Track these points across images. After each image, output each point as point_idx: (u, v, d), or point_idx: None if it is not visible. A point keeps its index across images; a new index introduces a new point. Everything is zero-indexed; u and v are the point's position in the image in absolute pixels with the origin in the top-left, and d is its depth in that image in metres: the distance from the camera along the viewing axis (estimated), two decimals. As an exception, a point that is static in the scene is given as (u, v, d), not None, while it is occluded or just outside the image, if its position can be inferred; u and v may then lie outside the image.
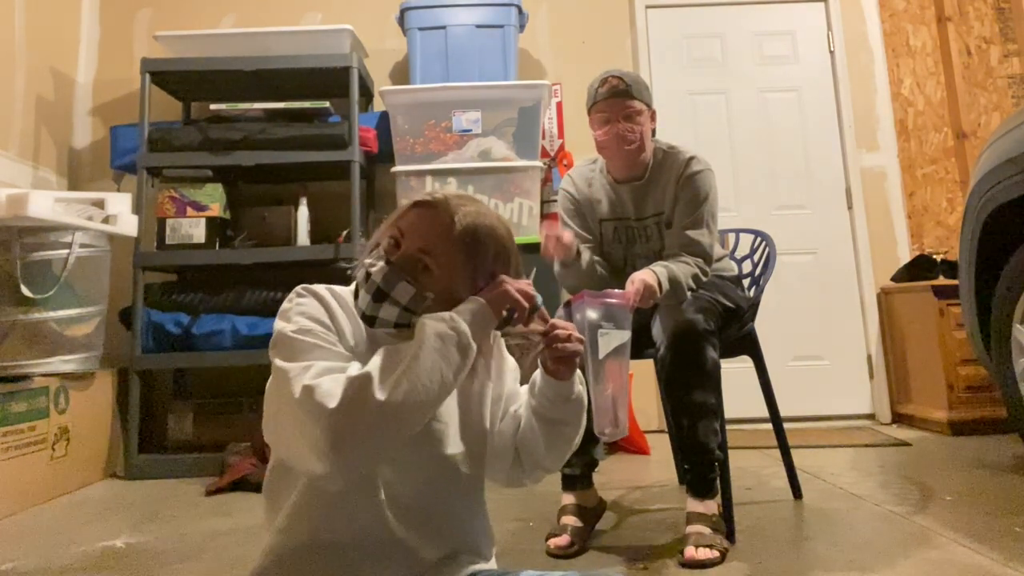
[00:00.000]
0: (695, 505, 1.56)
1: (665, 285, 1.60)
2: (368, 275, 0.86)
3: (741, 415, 2.72)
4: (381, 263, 0.87)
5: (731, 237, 2.17)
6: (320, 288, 0.90)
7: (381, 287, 0.86)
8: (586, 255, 1.76)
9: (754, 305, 1.89)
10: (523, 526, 1.77)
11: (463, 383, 0.91)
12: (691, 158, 1.77)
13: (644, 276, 1.57)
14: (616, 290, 1.51)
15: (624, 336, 1.29)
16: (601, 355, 1.27)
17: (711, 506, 1.57)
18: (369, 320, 0.88)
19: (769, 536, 1.63)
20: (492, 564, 0.98)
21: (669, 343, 1.58)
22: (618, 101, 1.73)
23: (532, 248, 2.62)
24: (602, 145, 1.78)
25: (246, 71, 2.78)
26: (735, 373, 2.20)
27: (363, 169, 2.79)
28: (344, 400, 0.75)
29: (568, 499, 1.68)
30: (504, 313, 0.88)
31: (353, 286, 0.92)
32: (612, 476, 2.27)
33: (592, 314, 1.30)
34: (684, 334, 1.57)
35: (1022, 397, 1.91)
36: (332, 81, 2.85)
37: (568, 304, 1.57)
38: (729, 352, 1.77)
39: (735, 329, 1.80)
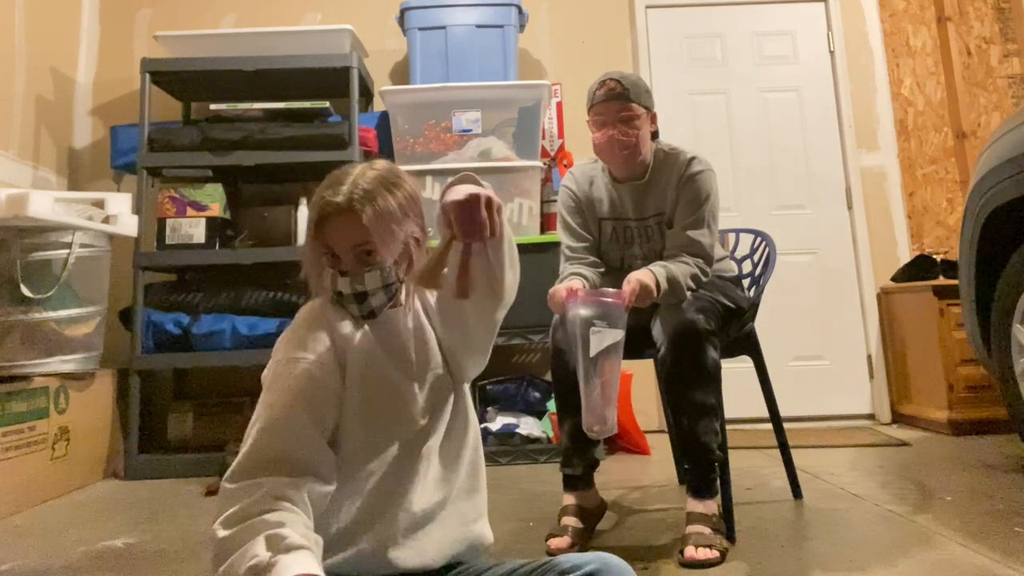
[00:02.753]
0: (695, 505, 1.56)
1: (663, 285, 1.59)
2: (340, 294, 0.98)
3: (741, 415, 2.72)
4: (341, 279, 0.98)
5: (731, 237, 2.17)
6: (317, 304, 1.02)
7: (357, 292, 0.98)
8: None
9: (754, 305, 1.89)
10: (523, 526, 1.77)
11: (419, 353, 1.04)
12: (692, 158, 1.77)
13: (640, 276, 1.57)
14: (612, 289, 1.52)
15: (617, 336, 1.29)
16: (593, 353, 1.26)
17: (711, 506, 1.57)
18: (369, 316, 1.00)
19: (769, 536, 1.63)
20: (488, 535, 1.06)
21: (670, 343, 1.58)
22: (615, 104, 1.72)
23: (528, 248, 2.64)
24: (599, 148, 1.78)
25: (246, 71, 2.78)
26: (735, 373, 2.20)
27: (363, 169, 2.79)
28: (213, 549, 0.83)
29: (569, 500, 1.68)
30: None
31: (312, 306, 1.04)
32: (612, 476, 2.27)
33: (585, 311, 1.30)
34: (684, 334, 1.57)
35: (1022, 397, 1.91)
36: (332, 81, 2.85)
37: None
38: (729, 352, 1.77)
39: (735, 329, 1.80)
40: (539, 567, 0.92)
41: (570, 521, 1.62)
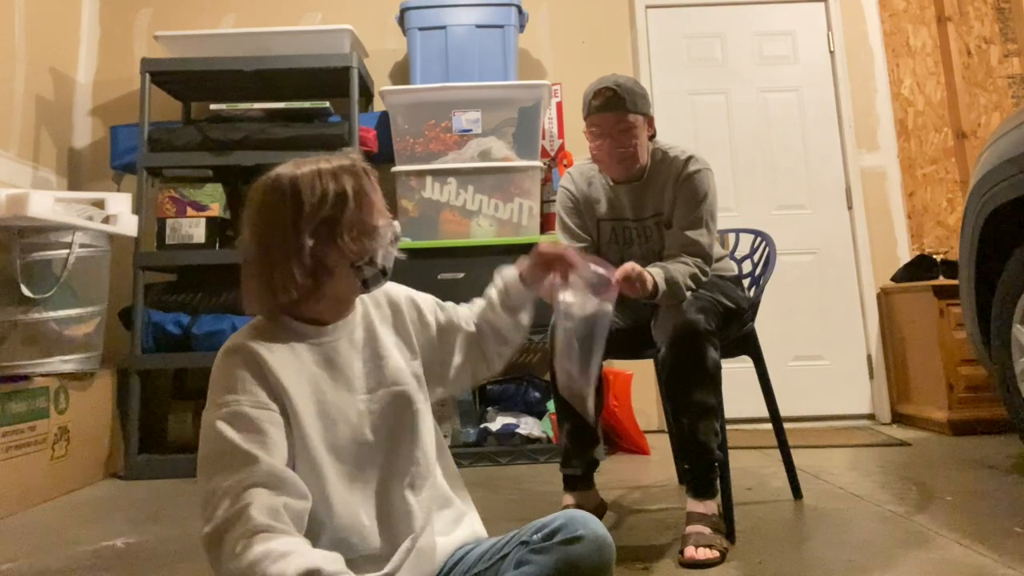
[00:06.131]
0: (695, 505, 1.56)
1: (662, 286, 1.58)
2: (397, 238, 1.04)
3: (741, 415, 2.72)
4: (395, 223, 1.04)
5: (731, 237, 2.17)
6: (240, 339, 0.95)
7: (383, 271, 1.00)
8: None
9: (754, 305, 1.89)
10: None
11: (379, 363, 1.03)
12: (689, 158, 1.76)
13: (639, 268, 1.56)
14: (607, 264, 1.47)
15: (593, 305, 1.23)
16: (562, 316, 1.22)
17: (711, 506, 1.57)
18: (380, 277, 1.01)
19: (769, 536, 1.63)
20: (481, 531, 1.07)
21: (670, 343, 1.58)
22: (611, 116, 1.69)
23: (528, 248, 2.62)
24: (597, 158, 1.77)
25: (246, 71, 2.78)
26: (735, 373, 2.20)
27: (363, 169, 2.79)
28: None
29: (569, 500, 1.68)
30: None
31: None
32: (612, 476, 2.27)
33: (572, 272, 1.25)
34: (685, 334, 1.57)
35: (1022, 397, 1.91)
36: (332, 81, 2.85)
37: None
38: (729, 352, 1.77)
39: (735, 329, 1.80)
40: (512, 536, 0.95)
41: (570, 521, 1.62)
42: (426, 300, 1.14)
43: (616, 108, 1.69)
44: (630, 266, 1.51)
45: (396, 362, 1.03)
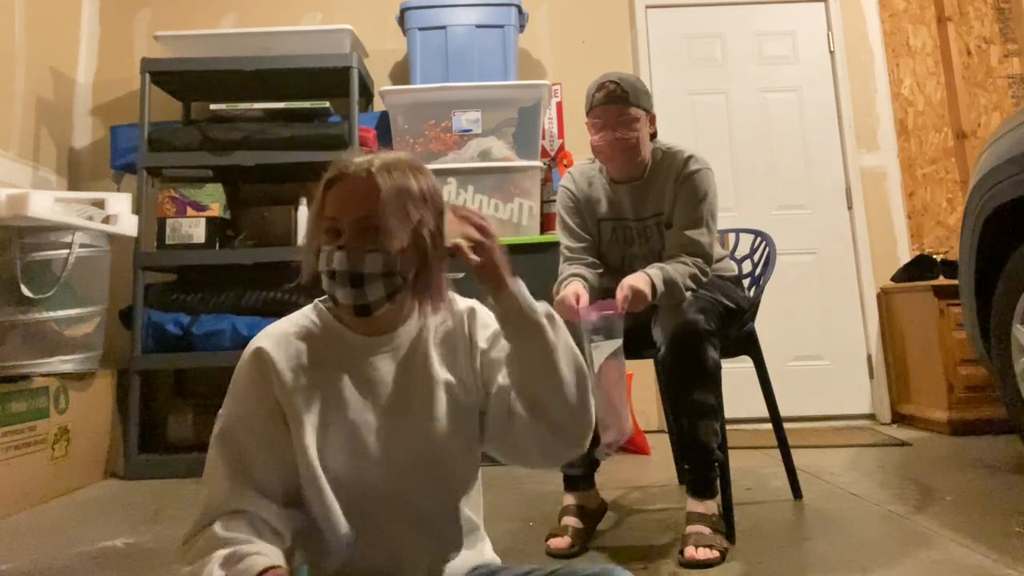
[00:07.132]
0: (695, 505, 1.56)
1: (659, 287, 1.58)
2: (333, 272, 0.85)
3: (741, 415, 2.71)
4: (337, 253, 0.85)
5: (731, 237, 2.17)
6: (268, 341, 0.90)
7: (351, 272, 0.84)
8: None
9: (754, 305, 1.89)
10: (523, 526, 1.77)
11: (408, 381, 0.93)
12: (689, 157, 1.76)
13: (633, 282, 1.57)
14: (608, 300, 1.52)
15: (615, 344, 1.30)
16: (596, 366, 1.27)
17: (711, 506, 1.57)
18: (362, 310, 0.86)
19: (769, 536, 1.63)
20: (494, 558, 1.00)
21: (670, 343, 1.58)
22: (614, 108, 1.71)
23: (528, 248, 2.64)
24: (597, 151, 1.78)
25: (246, 71, 2.78)
26: (735, 373, 2.19)
27: (363, 169, 2.79)
28: None
29: (569, 499, 1.68)
30: None
31: (307, 306, 0.96)
32: (612, 476, 2.27)
33: (583, 326, 1.32)
34: (685, 334, 1.57)
35: (1022, 397, 1.91)
36: (332, 81, 2.85)
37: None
38: (729, 352, 1.77)
39: (735, 329, 1.80)
40: (537, 571, 0.90)
41: (570, 521, 1.62)
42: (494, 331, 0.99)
43: (618, 101, 1.71)
44: (628, 291, 1.54)
45: (436, 391, 0.93)
